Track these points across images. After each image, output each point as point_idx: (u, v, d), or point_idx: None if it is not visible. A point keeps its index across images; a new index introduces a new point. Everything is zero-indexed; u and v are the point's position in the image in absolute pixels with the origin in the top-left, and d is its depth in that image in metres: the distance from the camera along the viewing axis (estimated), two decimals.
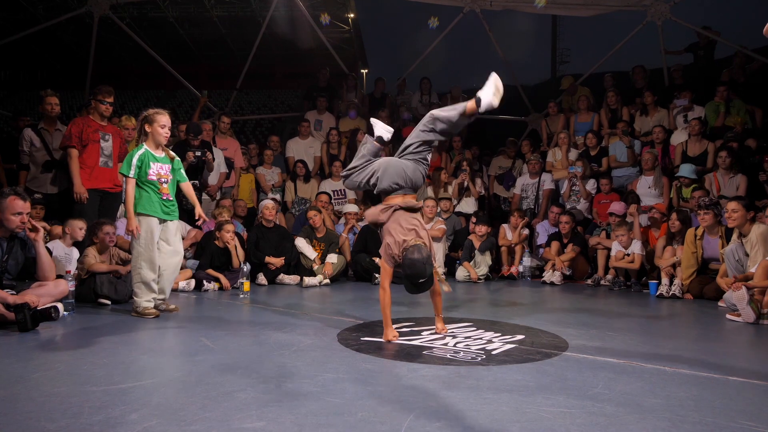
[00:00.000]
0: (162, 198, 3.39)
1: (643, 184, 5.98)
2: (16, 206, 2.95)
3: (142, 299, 3.33)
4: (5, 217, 2.95)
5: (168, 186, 3.44)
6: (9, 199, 2.95)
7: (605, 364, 2.32)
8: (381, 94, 8.58)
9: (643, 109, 6.94)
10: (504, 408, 1.75)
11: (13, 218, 2.96)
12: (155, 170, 3.38)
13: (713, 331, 3.26)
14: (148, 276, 3.32)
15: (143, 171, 3.34)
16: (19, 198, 2.97)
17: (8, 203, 2.94)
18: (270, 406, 1.73)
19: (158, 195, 3.38)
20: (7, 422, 1.58)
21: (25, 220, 3.01)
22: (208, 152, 5.44)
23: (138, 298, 3.34)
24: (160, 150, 3.45)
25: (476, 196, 6.81)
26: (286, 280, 5.18)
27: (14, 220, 2.96)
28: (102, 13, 8.03)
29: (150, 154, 3.38)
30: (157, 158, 3.41)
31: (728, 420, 1.67)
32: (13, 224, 2.97)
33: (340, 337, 2.79)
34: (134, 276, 3.35)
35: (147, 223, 3.33)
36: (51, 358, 2.35)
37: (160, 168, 3.41)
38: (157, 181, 3.38)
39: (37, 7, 14.78)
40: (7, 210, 2.94)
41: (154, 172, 3.37)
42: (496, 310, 3.86)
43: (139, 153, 3.35)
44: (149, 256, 3.33)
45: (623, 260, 5.11)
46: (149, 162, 3.35)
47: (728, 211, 4.11)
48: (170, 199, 3.45)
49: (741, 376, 2.18)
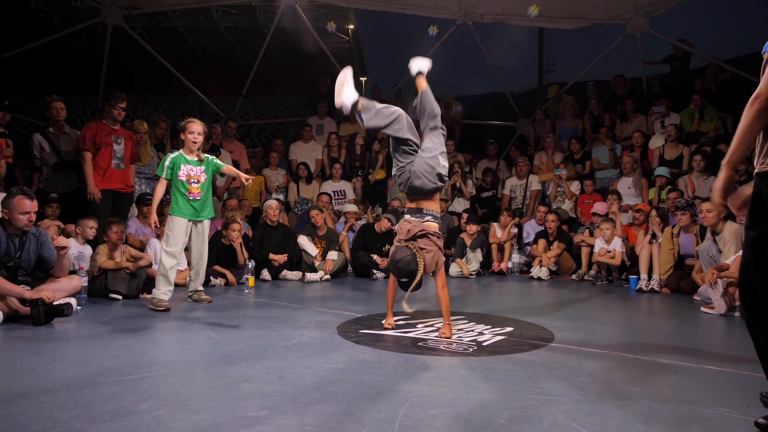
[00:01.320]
0: (189, 198, 3.52)
1: (623, 184, 6.02)
2: (24, 206, 2.91)
3: (159, 291, 3.40)
4: (13, 216, 2.90)
5: (198, 186, 3.55)
6: (17, 199, 2.90)
7: (589, 355, 2.31)
8: (379, 100, 8.56)
9: (624, 116, 6.98)
10: (494, 396, 1.74)
11: (21, 217, 2.91)
12: (185, 171, 3.51)
13: (689, 323, 3.27)
14: (167, 271, 3.42)
15: (174, 172, 3.49)
16: (26, 197, 2.93)
17: (16, 203, 2.90)
18: (273, 395, 1.71)
19: (186, 195, 3.51)
20: (21, 412, 1.55)
21: (32, 219, 2.96)
22: (220, 156, 5.44)
23: (156, 290, 3.42)
24: (193, 154, 3.58)
25: (468, 197, 6.81)
26: (289, 275, 5.16)
27: (22, 219, 2.91)
28: (115, 23, 7.96)
29: (183, 158, 3.53)
30: (188, 161, 3.54)
31: (704, 407, 1.67)
32: (21, 223, 2.92)
33: (340, 329, 2.77)
34: (158, 270, 3.47)
35: (176, 223, 3.47)
36: (64, 350, 2.32)
37: (190, 170, 3.53)
38: (186, 181, 3.51)
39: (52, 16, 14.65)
40: (15, 209, 2.90)
41: (184, 173, 3.51)
42: (487, 304, 3.86)
43: (172, 156, 3.53)
44: (173, 253, 3.44)
45: (605, 256, 5.12)
46: (180, 164, 3.51)
47: (702, 211, 4.13)
48: (198, 199, 3.56)
49: (715, 365, 2.18)
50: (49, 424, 1.45)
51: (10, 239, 2.95)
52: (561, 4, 7.65)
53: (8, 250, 2.94)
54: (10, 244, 2.95)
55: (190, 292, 3.67)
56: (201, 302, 3.61)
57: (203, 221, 3.62)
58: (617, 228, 5.21)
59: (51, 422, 1.47)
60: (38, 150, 4.76)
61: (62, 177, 4.75)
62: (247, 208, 5.99)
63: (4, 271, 2.92)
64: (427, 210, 2.70)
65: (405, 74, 9.59)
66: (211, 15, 16.08)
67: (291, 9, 8.47)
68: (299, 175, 6.82)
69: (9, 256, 2.95)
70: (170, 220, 3.49)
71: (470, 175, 7.31)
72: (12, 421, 1.49)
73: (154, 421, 1.48)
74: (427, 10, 8.20)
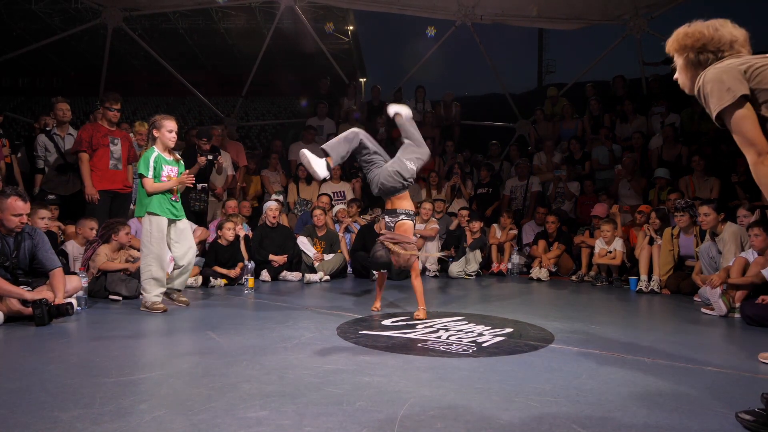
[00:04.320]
0: (171, 199, 3.42)
1: (623, 185, 6.03)
2: (16, 207, 2.85)
3: (151, 294, 3.31)
4: (5, 217, 2.85)
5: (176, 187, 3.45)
6: (10, 200, 2.85)
7: (589, 356, 2.31)
8: (379, 101, 8.58)
9: (623, 117, 6.98)
10: (494, 397, 1.74)
11: (12, 219, 2.85)
12: (166, 172, 3.39)
13: (689, 324, 3.27)
14: (157, 272, 3.31)
15: (157, 173, 3.34)
16: (20, 199, 2.87)
17: (9, 204, 2.84)
18: (273, 396, 1.71)
19: (167, 196, 3.39)
20: (22, 412, 1.55)
21: (24, 221, 2.91)
22: (219, 156, 5.44)
23: (147, 294, 3.32)
24: (168, 153, 3.45)
25: (467, 197, 6.81)
26: (289, 276, 5.15)
27: (13, 221, 2.86)
28: (115, 24, 7.98)
29: (162, 158, 3.39)
30: (167, 161, 3.42)
31: (704, 408, 1.67)
32: (12, 224, 2.87)
33: (339, 330, 2.77)
34: (144, 273, 3.32)
35: (157, 223, 3.33)
36: (64, 351, 2.32)
37: (170, 170, 3.42)
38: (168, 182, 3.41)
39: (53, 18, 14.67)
40: (7, 210, 2.84)
41: (165, 174, 3.39)
42: (487, 304, 3.85)
43: (154, 156, 3.35)
44: (158, 253, 3.32)
45: (605, 257, 5.12)
46: (162, 165, 3.37)
47: (701, 214, 4.14)
48: (177, 200, 3.48)
49: (715, 366, 2.18)
50: (50, 424, 1.46)
51: (5, 239, 2.92)
52: (561, 4, 7.67)
53: (3, 250, 2.91)
54: (5, 244, 2.92)
55: (170, 289, 3.49)
56: (178, 303, 3.46)
57: (182, 220, 3.48)
58: (617, 229, 5.22)
59: (52, 422, 1.47)
60: (43, 151, 4.77)
61: (65, 179, 4.76)
62: (246, 209, 5.99)
63: (2, 271, 2.90)
64: (401, 210, 3.19)
65: (404, 75, 9.63)
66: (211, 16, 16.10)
67: (291, 10, 8.48)
68: (298, 175, 6.82)
69: (5, 257, 2.92)
70: (151, 220, 3.30)
71: (470, 176, 7.32)
72: (13, 421, 1.49)
73: (154, 421, 1.49)
74: (427, 11, 8.22)
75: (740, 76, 1.46)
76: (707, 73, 1.52)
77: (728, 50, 1.55)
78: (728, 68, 1.49)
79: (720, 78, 1.48)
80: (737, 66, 1.49)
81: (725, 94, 1.46)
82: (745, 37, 1.57)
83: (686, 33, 1.61)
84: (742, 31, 1.58)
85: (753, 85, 1.46)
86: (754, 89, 1.46)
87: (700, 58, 1.58)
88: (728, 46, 1.55)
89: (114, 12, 7.82)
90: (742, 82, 1.46)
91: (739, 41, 1.56)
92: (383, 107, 8.41)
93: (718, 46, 1.55)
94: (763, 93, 1.45)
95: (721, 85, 1.47)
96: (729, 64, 1.51)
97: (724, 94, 1.46)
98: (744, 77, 1.46)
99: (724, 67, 1.50)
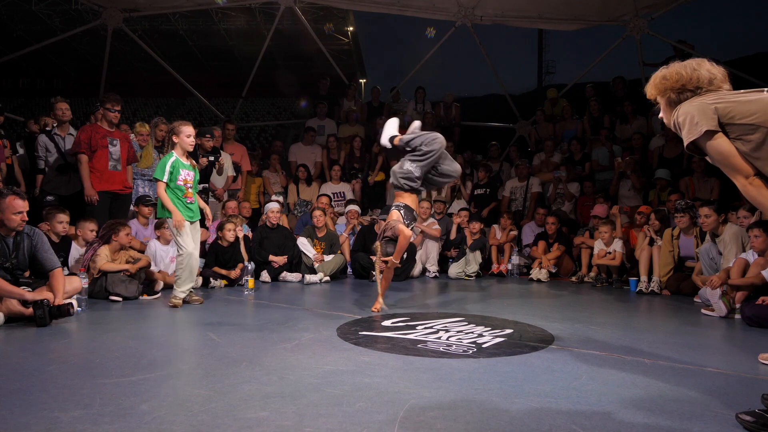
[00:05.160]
0: (187, 202, 3.59)
1: (623, 186, 6.03)
2: (16, 206, 2.87)
3: (181, 288, 3.49)
4: (6, 216, 2.87)
5: (192, 190, 3.63)
6: (9, 199, 2.86)
7: (589, 357, 2.32)
8: (378, 102, 8.59)
9: (623, 118, 6.99)
10: (494, 398, 1.74)
11: (13, 217, 2.88)
12: (183, 176, 3.56)
13: (689, 325, 3.27)
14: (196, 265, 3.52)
15: (173, 176, 3.52)
16: (18, 197, 2.90)
17: (8, 203, 2.86)
18: (273, 397, 1.72)
19: (183, 199, 3.57)
20: (22, 412, 1.56)
21: (25, 219, 2.94)
22: (220, 157, 5.46)
23: (178, 288, 3.49)
24: (185, 158, 3.62)
25: (467, 198, 6.81)
26: (289, 277, 5.16)
27: (15, 219, 2.88)
28: (115, 25, 7.99)
29: (180, 162, 3.55)
30: (184, 165, 3.59)
31: (704, 408, 1.67)
32: (14, 223, 2.89)
33: (339, 331, 2.78)
34: (182, 268, 3.49)
35: (179, 222, 3.50)
36: (64, 351, 2.33)
37: (186, 174, 3.61)
38: (183, 186, 3.57)
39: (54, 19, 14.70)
40: (7, 210, 2.86)
41: (182, 178, 3.55)
42: (487, 305, 3.86)
43: (171, 160, 3.52)
44: (191, 251, 3.52)
45: (605, 257, 5.12)
46: (179, 169, 3.54)
47: (701, 216, 4.14)
48: (193, 202, 3.65)
49: (715, 367, 2.18)
50: (50, 425, 1.46)
51: (4, 240, 2.93)
52: (561, 5, 7.67)
53: (3, 251, 2.92)
54: (4, 245, 2.92)
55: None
56: (193, 303, 3.61)
57: (196, 222, 3.68)
58: (617, 230, 5.22)
59: (52, 423, 1.47)
60: (43, 151, 4.77)
61: (66, 179, 4.76)
62: (246, 210, 6.00)
63: (2, 272, 2.90)
64: (397, 203, 3.49)
65: (404, 76, 9.64)
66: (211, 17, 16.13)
67: (290, 11, 8.49)
68: (299, 176, 6.83)
69: (5, 257, 2.92)
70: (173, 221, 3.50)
71: (470, 176, 7.32)
72: (13, 421, 1.49)
73: (155, 422, 1.49)
74: (426, 11, 8.23)
75: (710, 112, 1.59)
76: (681, 107, 1.66)
77: (707, 86, 1.67)
78: (700, 104, 1.62)
79: (691, 112, 1.62)
80: (708, 103, 1.61)
81: (694, 128, 1.60)
82: (724, 74, 1.70)
83: (663, 76, 1.74)
84: (720, 68, 1.71)
85: (726, 121, 1.58)
86: (726, 124, 1.58)
87: (681, 98, 1.70)
88: (707, 83, 1.67)
89: (114, 13, 7.83)
90: (712, 117, 1.58)
91: (718, 78, 1.68)
92: (383, 107, 8.45)
93: (696, 85, 1.68)
94: (735, 128, 1.57)
95: (691, 119, 1.61)
96: (702, 100, 1.63)
97: (693, 128, 1.60)
98: (715, 113, 1.59)
99: (697, 102, 1.63)
